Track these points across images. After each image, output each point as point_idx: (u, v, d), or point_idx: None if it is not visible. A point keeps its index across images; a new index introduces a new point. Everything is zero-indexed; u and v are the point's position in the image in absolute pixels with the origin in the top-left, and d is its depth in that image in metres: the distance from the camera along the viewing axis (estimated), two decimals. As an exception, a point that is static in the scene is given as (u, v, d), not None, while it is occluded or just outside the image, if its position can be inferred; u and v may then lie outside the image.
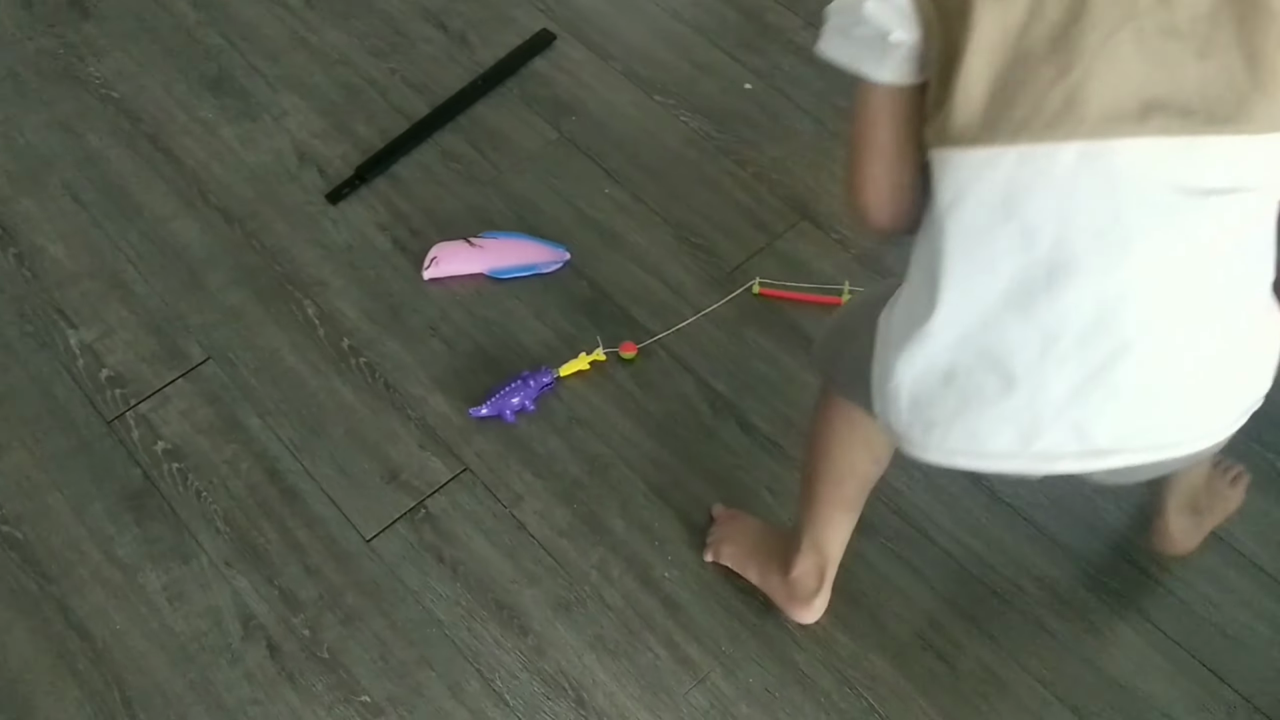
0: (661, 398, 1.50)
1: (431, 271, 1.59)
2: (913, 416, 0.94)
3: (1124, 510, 1.41)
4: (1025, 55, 0.81)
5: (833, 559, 1.27)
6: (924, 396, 0.93)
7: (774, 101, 1.79)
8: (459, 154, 1.73)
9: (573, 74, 1.82)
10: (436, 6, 1.90)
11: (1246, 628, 1.33)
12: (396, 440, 1.46)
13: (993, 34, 0.81)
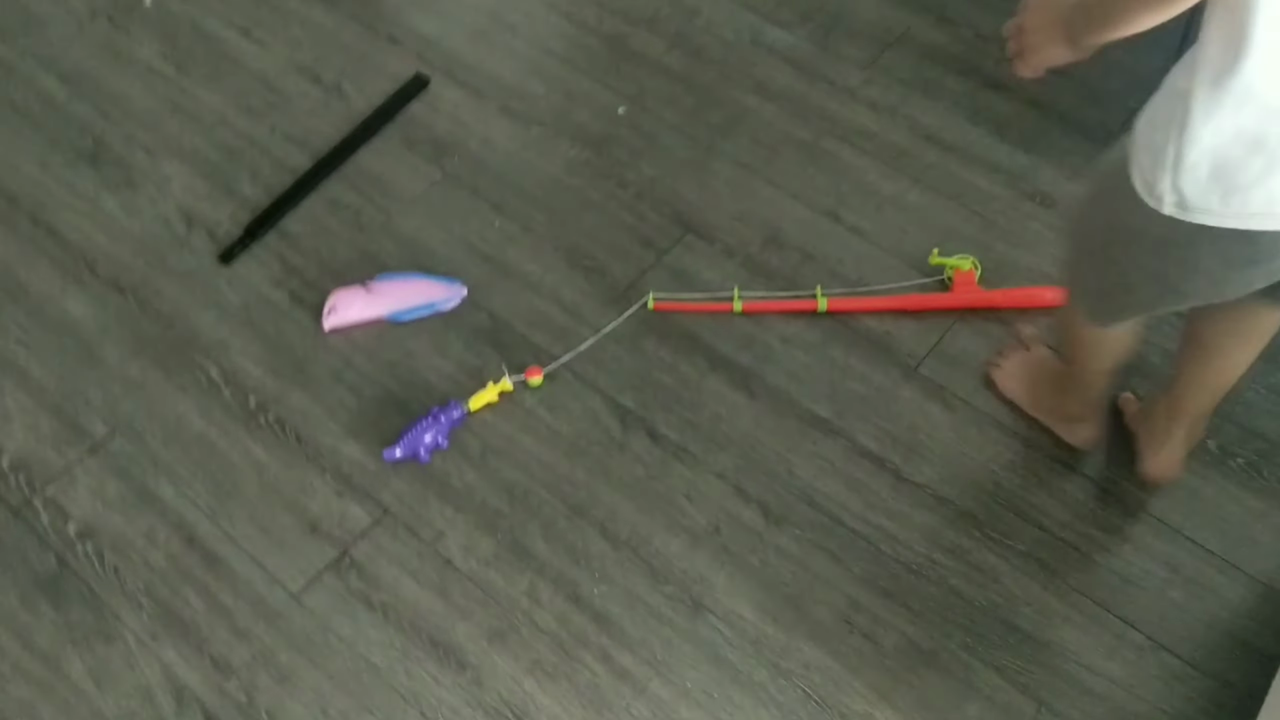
0: (571, 419, 1.50)
1: (331, 321, 1.56)
2: (1212, 185, 0.96)
3: (1019, 475, 1.45)
4: None
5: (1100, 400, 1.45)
6: (1230, 163, 0.94)
7: (647, 122, 1.81)
8: (346, 202, 1.70)
9: (450, 115, 1.81)
10: (308, 60, 1.87)
11: (1146, 573, 1.38)
12: (313, 492, 1.43)
13: None
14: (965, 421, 1.50)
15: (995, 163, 1.77)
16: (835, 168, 1.76)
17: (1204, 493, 1.44)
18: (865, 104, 1.84)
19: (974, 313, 1.60)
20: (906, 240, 1.67)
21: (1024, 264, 1.65)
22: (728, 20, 1.95)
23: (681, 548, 1.39)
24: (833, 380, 1.53)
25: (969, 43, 1.93)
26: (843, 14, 1.97)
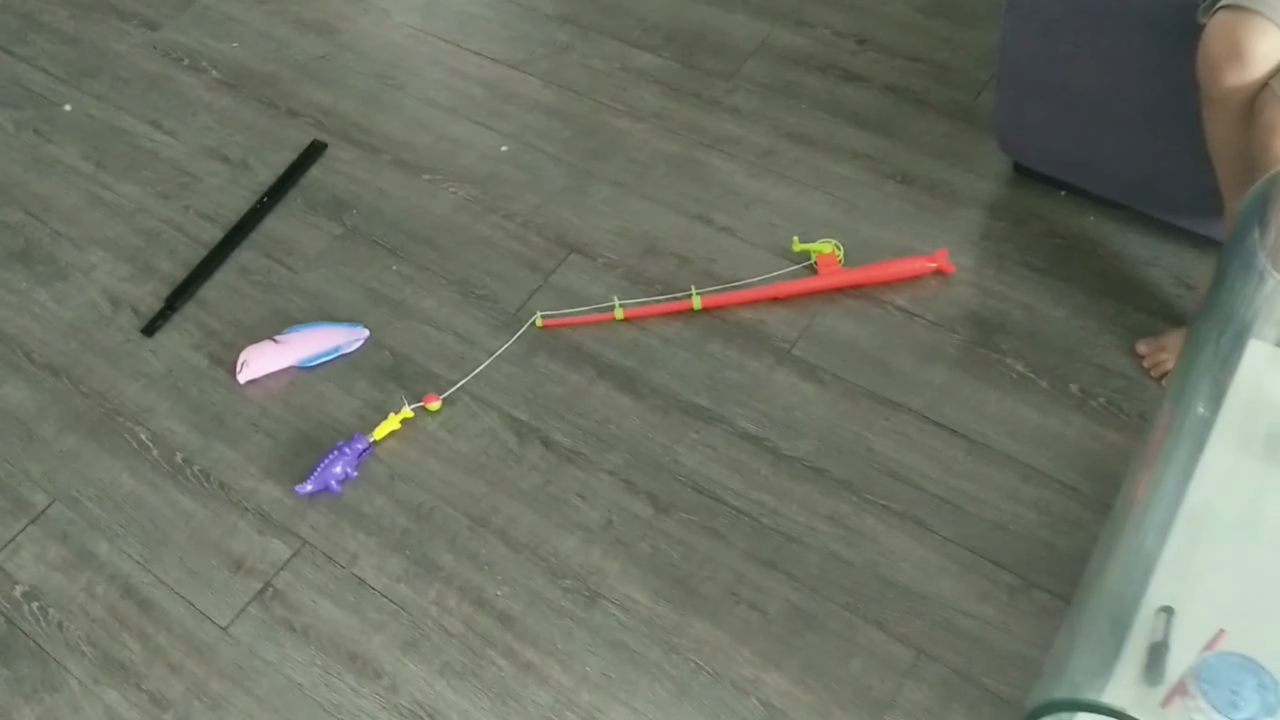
0: (470, 437, 1.53)
1: (245, 375, 1.61)
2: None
3: (891, 439, 1.47)
4: None
5: None
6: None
7: (527, 157, 1.85)
8: (256, 267, 1.76)
9: (347, 174, 1.87)
10: (216, 141, 1.94)
11: (1012, 515, 1.39)
12: (237, 532, 1.47)
13: None
14: (838, 395, 1.52)
15: (855, 150, 1.80)
16: (705, 175, 1.80)
17: (1067, 435, 1.45)
18: (730, 112, 1.88)
19: (841, 293, 1.63)
20: (775, 233, 1.70)
21: (888, 241, 1.68)
22: (596, 51, 2.00)
23: (577, 544, 1.42)
24: (711, 372, 1.56)
25: (826, 41, 1.97)
26: (704, 32, 2.02)
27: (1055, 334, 1.53)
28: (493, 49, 2.05)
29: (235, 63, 2.08)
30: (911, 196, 1.72)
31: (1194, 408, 1.18)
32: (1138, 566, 1.12)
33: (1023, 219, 1.68)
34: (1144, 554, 1.13)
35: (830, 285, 1.61)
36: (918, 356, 1.55)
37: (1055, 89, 1.56)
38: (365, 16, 2.14)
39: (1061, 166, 1.65)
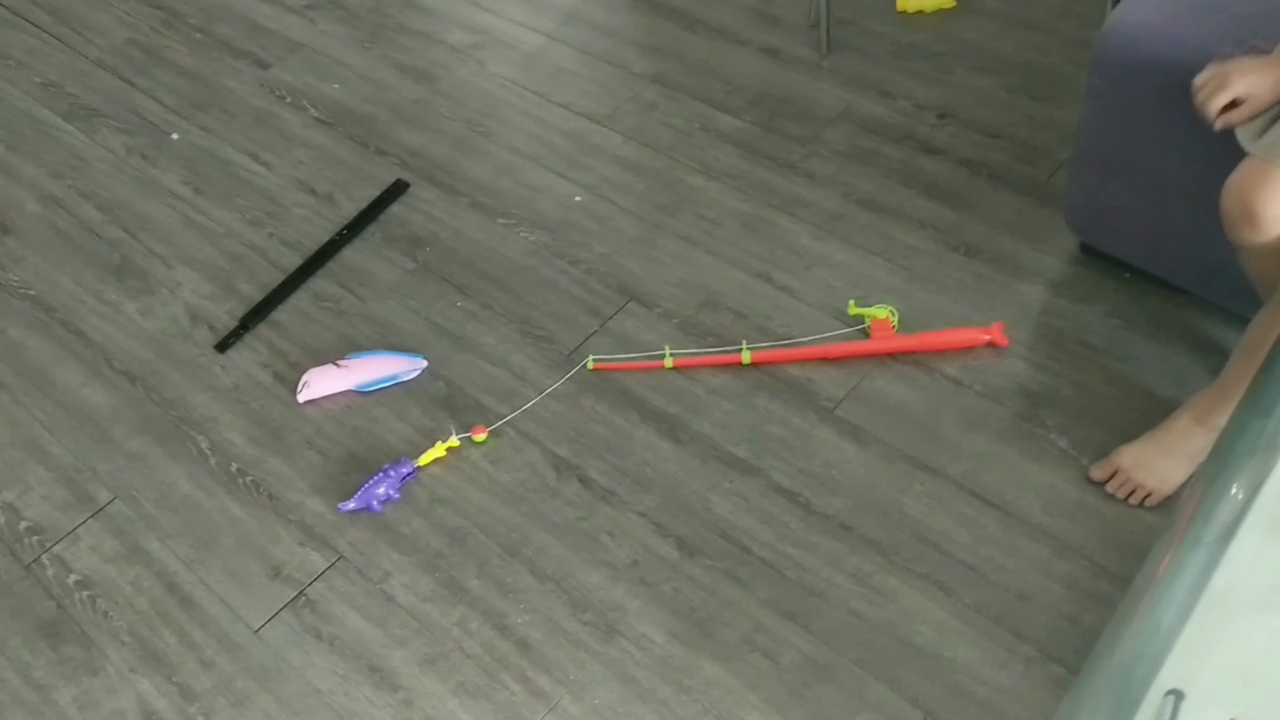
0: (511, 470, 1.68)
1: (305, 395, 1.80)
2: None
3: (924, 503, 1.56)
4: None
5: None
6: None
7: (601, 208, 2.03)
8: (329, 294, 1.96)
9: (425, 212, 2.07)
10: (307, 175, 2.17)
11: (1039, 587, 1.46)
12: (280, 541, 1.64)
13: None
14: (876, 457, 1.62)
15: (924, 220, 1.91)
16: (771, 235, 1.94)
17: (1106, 513, 1.51)
18: (803, 176, 2.02)
19: (891, 357, 1.73)
20: (833, 295, 1.82)
21: (947, 310, 1.78)
22: (680, 111, 2.18)
23: (601, 580, 1.54)
24: (754, 425, 1.68)
25: (907, 113, 2.10)
26: (789, 98, 2.17)
27: (1104, 414, 1.60)
28: (580, 103, 2.25)
29: (334, 103, 2.32)
30: (974, 269, 1.82)
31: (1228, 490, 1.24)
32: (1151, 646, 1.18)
33: (1085, 298, 1.76)
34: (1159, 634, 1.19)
35: (881, 350, 1.72)
36: (962, 425, 1.63)
37: (1129, 172, 1.65)
38: (463, 66, 2.37)
39: (1129, 249, 1.73)
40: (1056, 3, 2.27)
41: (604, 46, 2.36)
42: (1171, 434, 1.52)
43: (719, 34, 2.35)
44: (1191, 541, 1.21)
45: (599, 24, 2.42)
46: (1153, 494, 1.51)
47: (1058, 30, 2.22)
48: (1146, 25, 1.53)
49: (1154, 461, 1.52)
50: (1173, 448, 1.52)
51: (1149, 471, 1.52)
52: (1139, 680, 1.15)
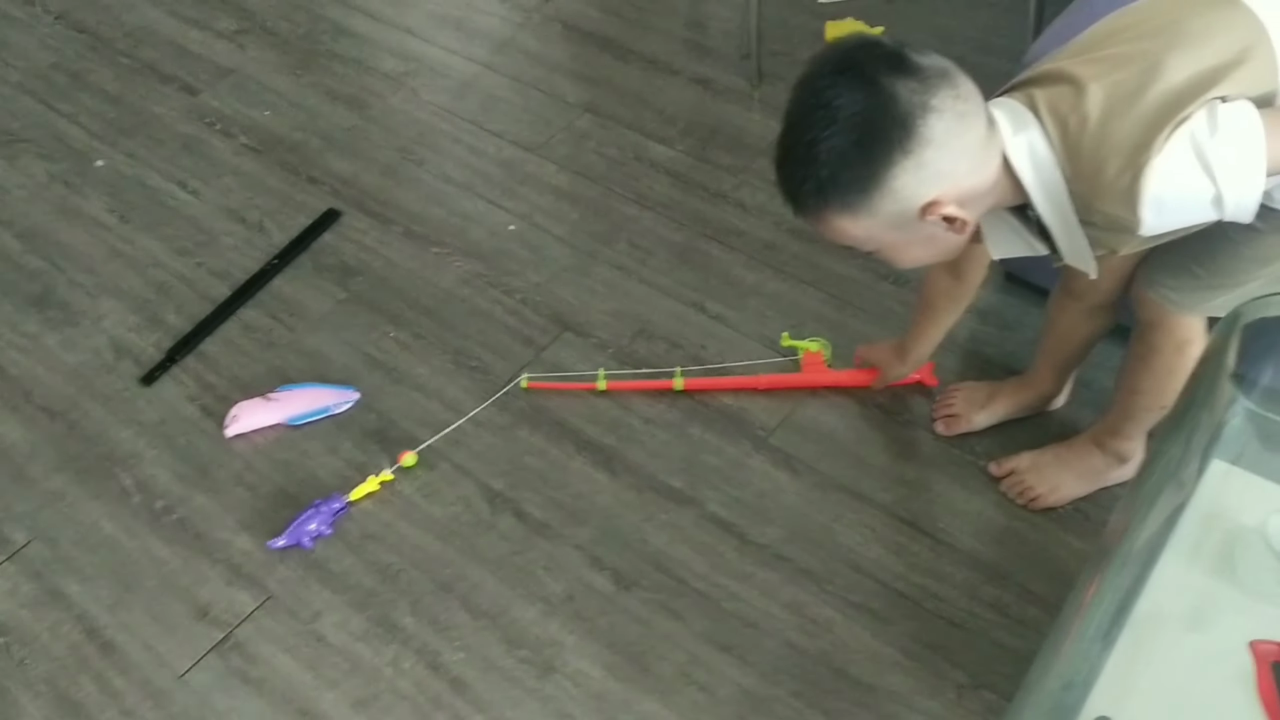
0: (444, 504, 1.63)
1: (233, 429, 1.73)
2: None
3: (858, 532, 1.54)
4: None
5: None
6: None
7: (534, 237, 1.99)
8: (259, 325, 1.89)
9: (357, 241, 2.01)
10: (236, 203, 2.10)
11: (970, 614, 1.45)
12: (206, 581, 1.57)
13: None
14: (810, 486, 1.60)
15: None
16: (704, 264, 1.91)
17: (1032, 538, 1.51)
18: (736, 206, 2.00)
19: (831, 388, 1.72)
20: (766, 324, 1.80)
21: (877, 339, 1.76)
22: (614, 140, 2.15)
23: (537, 615, 1.50)
24: (689, 455, 1.65)
25: (836, 144, 2.10)
26: (721, 127, 2.16)
27: (1029, 439, 1.60)
28: (514, 132, 2.21)
29: (265, 130, 2.26)
30: (903, 297, 1.82)
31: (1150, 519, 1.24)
32: (1080, 672, 1.17)
33: (1010, 325, 1.76)
34: (1088, 660, 1.18)
35: (811, 383, 1.70)
36: (892, 453, 1.62)
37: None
38: (396, 93, 2.32)
39: (1050, 277, 1.73)
40: (978, 37, 2.29)
41: (537, 75, 2.33)
42: (1072, 449, 1.55)
43: (652, 64, 2.33)
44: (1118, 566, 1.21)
45: (532, 53, 2.39)
46: (1039, 498, 1.54)
47: (981, 64, 2.19)
48: (1066, 61, 1.54)
49: (1048, 470, 1.55)
50: (1069, 462, 1.54)
51: (1041, 477, 1.55)
52: (1069, 708, 1.14)
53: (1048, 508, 1.54)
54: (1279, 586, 1.10)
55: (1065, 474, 1.54)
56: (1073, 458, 1.55)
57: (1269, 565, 1.09)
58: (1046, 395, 1.63)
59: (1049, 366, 1.60)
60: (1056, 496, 1.54)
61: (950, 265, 1.41)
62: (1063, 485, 1.54)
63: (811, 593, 1.49)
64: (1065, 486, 1.54)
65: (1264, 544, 1.09)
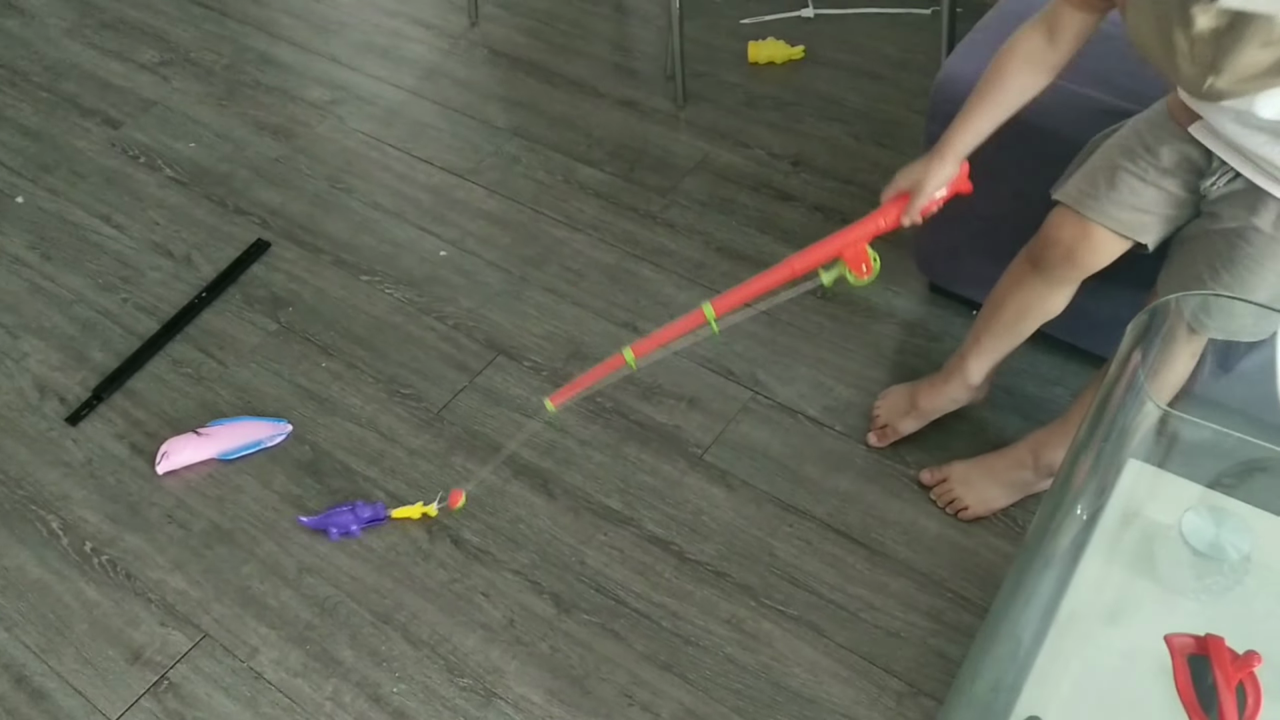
0: (381, 534, 1.60)
1: (164, 466, 1.69)
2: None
3: (794, 545, 1.55)
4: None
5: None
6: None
7: (466, 262, 1.98)
8: (188, 359, 1.85)
9: (287, 272, 1.98)
10: (163, 237, 2.06)
11: (906, 622, 1.46)
12: (139, 623, 1.53)
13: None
14: (745, 501, 1.60)
15: (782, 265, 1.92)
16: (635, 285, 1.91)
17: (964, 544, 1.53)
18: (665, 226, 2.01)
19: (760, 403, 1.72)
20: (699, 343, 1.81)
21: (806, 353, 1.78)
22: (542, 163, 2.15)
23: (477, 642, 1.48)
24: (625, 475, 1.65)
25: (762, 162, 2.12)
26: (648, 148, 2.17)
27: (959, 448, 1.62)
28: (442, 158, 2.20)
29: (190, 162, 2.22)
30: (831, 311, 1.83)
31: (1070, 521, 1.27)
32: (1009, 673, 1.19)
33: (936, 336, 1.78)
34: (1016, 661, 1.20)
35: (838, 250, 1.42)
36: (826, 465, 1.63)
37: (968, 215, 1.68)
38: (323, 122, 2.30)
39: (974, 288, 1.76)
40: (895, 54, 2.33)
41: (465, 101, 2.32)
42: (1003, 460, 1.57)
43: (578, 87, 2.33)
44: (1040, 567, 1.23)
45: (459, 79, 2.38)
46: (968, 509, 1.56)
47: (898, 80, 2.27)
48: (977, 75, 1.57)
49: (979, 481, 1.56)
50: (999, 474, 1.56)
51: (970, 489, 1.56)
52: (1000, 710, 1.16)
53: (977, 518, 1.56)
54: (1196, 581, 1.12)
55: (994, 486, 1.56)
56: (1003, 469, 1.56)
57: (1185, 561, 1.11)
58: (970, 386, 1.60)
59: (979, 353, 1.56)
60: (985, 508, 1.56)
61: (1049, 24, 1.30)
62: (991, 498, 1.56)
63: (750, 607, 1.49)
64: (994, 499, 1.56)
65: (1180, 540, 1.12)
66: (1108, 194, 1.31)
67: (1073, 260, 1.36)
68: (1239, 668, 0.96)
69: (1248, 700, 0.94)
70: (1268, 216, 1.22)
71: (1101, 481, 1.29)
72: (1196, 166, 1.28)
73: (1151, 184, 1.30)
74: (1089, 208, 1.32)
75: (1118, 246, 1.34)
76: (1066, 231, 1.35)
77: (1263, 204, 1.22)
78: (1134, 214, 1.31)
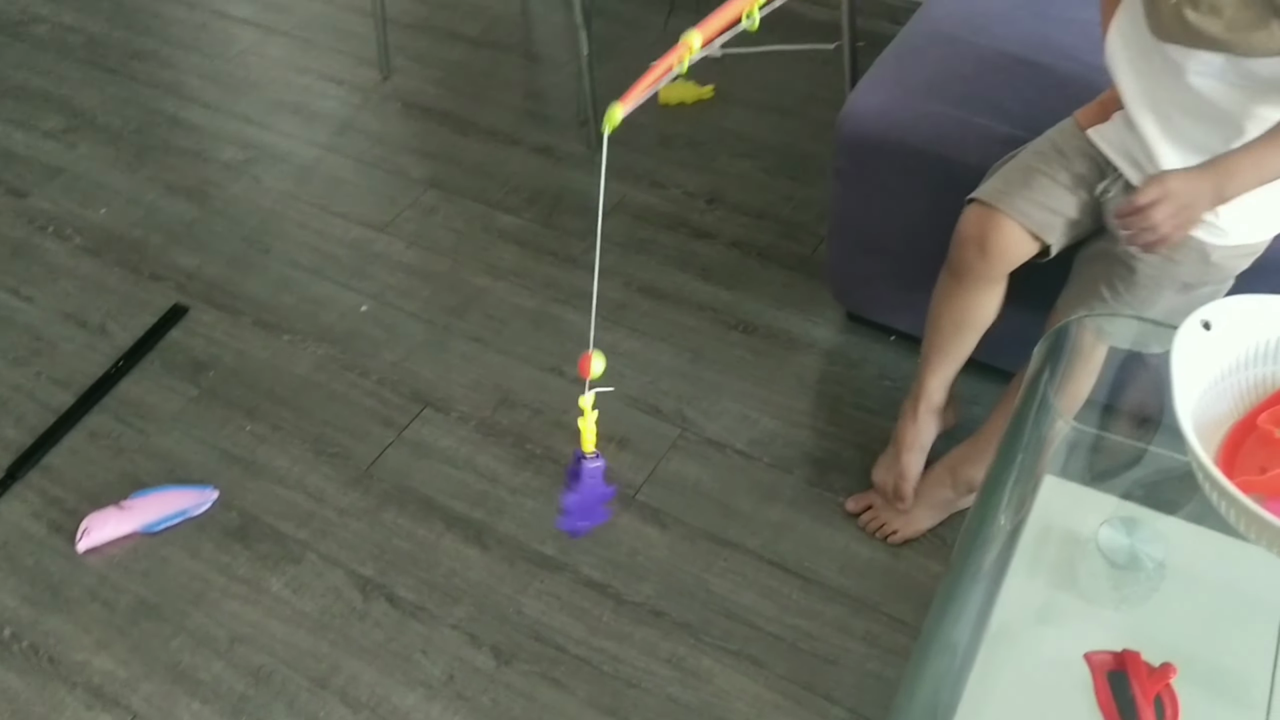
0: (314, 597, 1.57)
1: (85, 543, 1.63)
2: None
3: (729, 579, 1.55)
4: None
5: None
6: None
7: (388, 315, 1.96)
8: (107, 431, 1.80)
9: (206, 335, 1.94)
10: (75, 307, 2.01)
11: (843, 649, 1.47)
12: (64, 709, 1.46)
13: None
14: (679, 538, 1.60)
15: (702, 302, 1.94)
16: (559, 329, 1.91)
17: (896, 567, 1.55)
18: (585, 269, 2.01)
19: (689, 439, 1.73)
20: (624, 382, 1.81)
21: (731, 387, 1.80)
22: (460, 213, 2.15)
23: (418, 700, 1.45)
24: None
25: (678, 200, 2.14)
26: (565, 193, 2.17)
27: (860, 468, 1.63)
28: (359, 212, 2.18)
29: (101, 229, 2.17)
30: (752, 344, 1.85)
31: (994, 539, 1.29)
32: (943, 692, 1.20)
33: (855, 363, 1.81)
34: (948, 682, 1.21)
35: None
36: (756, 497, 1.64)
37: (878, 244, 1.73)
38: (237, 182, 2.26)
39: (889, 313, 1.80)
40: (802, 88, 2.37)
41: (380, 154, 2.31)
42: (923, 482, 1.59)
43: (492, 135, 2.33)
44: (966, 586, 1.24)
45: (373, 132, 2.36)
46: (897, 533, 1.58)
47: (806, 114, 2.32)
48: (878, 110, 1.61)
49: (891, 480, 1.59)
50: (921, 495, 1.59)
51: (895, 513, 1.59)
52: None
53: (906, 540, 1.58)
54: (1115, 592, 1.15)
55: (918, 507, 1.58)
56: (924, 490, 1.59)
57: (1104, 573, 1.14)
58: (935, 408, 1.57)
59: (931, 371, 1.54)
60: (912, 529, 1.58)
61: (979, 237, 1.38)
62: (917, 519, 1.58)
63: (689, 645, 1.49)
64: (919, 520, 1.58)
65: (1098, 553, 1.14)
66: (1020, 190, 1.36)
67: (984, 252, 1.39)
68: (1156, 681, 0.97)
69: (1165, 712, 0.96)
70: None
71: (1021, 497, 1.32)
72: (1101, 171, 1.33)
73: (1062, 185, 1.35)
74: (1000, 201, 1.36)
75: (1026, 243, 1.37)
76: (977, 225, 1.38)
77: None
78: (1043, 212, 1.35)
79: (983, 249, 1.38)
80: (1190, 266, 1.29)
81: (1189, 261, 1.29)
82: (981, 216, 1.38)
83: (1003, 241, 1.37)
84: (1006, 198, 1.36)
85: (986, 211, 1.37)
